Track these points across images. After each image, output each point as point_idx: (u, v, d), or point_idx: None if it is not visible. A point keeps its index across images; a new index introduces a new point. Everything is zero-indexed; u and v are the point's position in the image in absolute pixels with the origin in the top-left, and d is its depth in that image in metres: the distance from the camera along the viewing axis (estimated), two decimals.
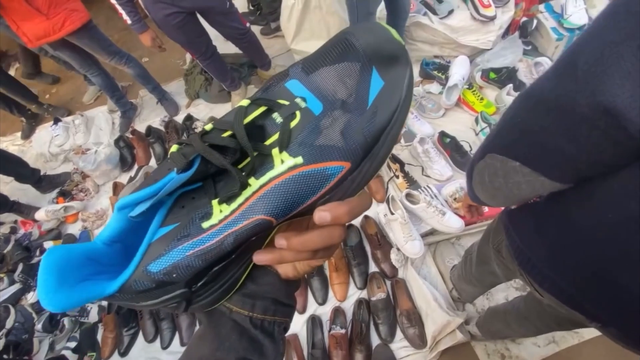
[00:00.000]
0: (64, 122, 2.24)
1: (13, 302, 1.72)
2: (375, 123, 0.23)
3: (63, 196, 1.97)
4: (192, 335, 1.43)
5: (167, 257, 0.21)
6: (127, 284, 0.21)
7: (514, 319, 0.92)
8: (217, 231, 0.22)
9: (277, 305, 0.30)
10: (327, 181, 0.23)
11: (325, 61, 0.24)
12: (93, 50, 1.82)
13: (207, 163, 0.22)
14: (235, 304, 0.28)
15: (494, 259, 0.77)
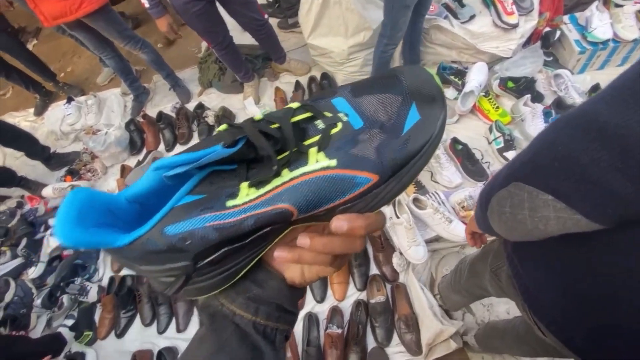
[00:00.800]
0: (76, 101, 2.25)
1: (14, 276, 1.73)
2: (407, 149, 0.24)
3: (71, 175, 1.99)
4: (188, 322, 1.44)
5: (187, 223, 0.22)
6: (140, 240, 0.22)
7: (513, 339, 0.90)
8: (240, 211, 0.23)
9: (280, 312, 0.29)
10: (354, 189, 0.24)
11: (372, 89, 0.26)
12: (108, 33, 1.82)
13: (249, 148, 0.24)
14: (239, 306, 0.28)
15: (489, 280, 0.75)
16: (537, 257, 0.50)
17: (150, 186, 0.23)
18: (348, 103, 0.26)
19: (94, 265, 1.69)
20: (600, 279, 0.40)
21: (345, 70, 1.83)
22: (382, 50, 1.52)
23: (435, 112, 0.25)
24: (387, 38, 1.47)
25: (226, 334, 0.27)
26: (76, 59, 2.91)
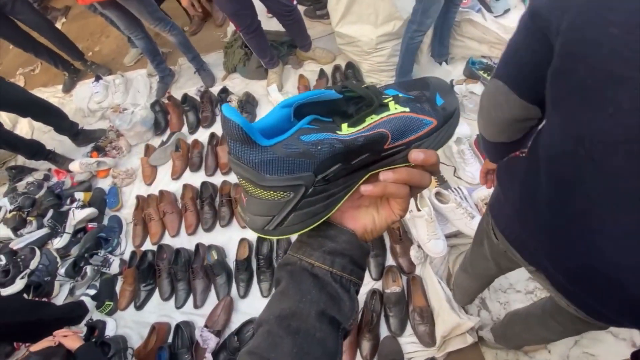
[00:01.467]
0: (104, 80, 2.31)
1: (39, 245, 1.80)
2: (446, 111, 0.34)
3: (97, 151, 2.04)
4: (205, 299, 1.47)
5: (317, 134, 0.28)
6: (282, 143, 0.27)
7: (537, 319, 0.89)
8: (351, 134, 0.29)
9: (353, 266, 0.32)
10: (423, 127, 0.32)
11: (410, 85, 0.36)
12: (139, 13, 1.84)
13: (347, 102, 0.31)
14: (317, 259, 0.31)
15: (486, 237, 0.77)
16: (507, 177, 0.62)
17: (275, 120, 0.28)
18: (397, 91, 0.34)
19: (117, 239, 1.75)
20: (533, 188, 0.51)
21: (371, 60, 1.81)
22: (411, 37, 1.50)
23: (451, 98, 0.35)
24: (416, 24, 1.45)
25: (306, 284, 0.30)
26: (104, 39, 2.96)
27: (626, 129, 0.31)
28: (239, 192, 1.68)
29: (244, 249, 1.54)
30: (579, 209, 0.41)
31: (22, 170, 2.17)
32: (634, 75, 0.29)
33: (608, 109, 0.32)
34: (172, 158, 1.89)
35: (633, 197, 0.34)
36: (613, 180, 0.35)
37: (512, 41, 0.47)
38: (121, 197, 1.91)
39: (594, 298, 0.48)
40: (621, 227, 0.37)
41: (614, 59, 0.30)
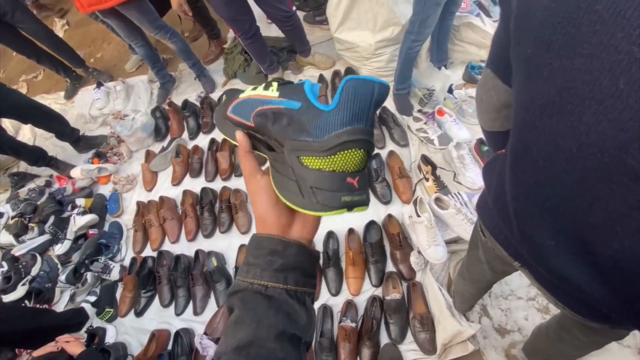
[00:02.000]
0: (106, 86, 2.32)
1: (41, 251, 1.81)
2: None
3: (98, 157, 2.05)
4: (205, 306, 1.47)
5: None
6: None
7: (554, 333, 0.89)
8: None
9: (305, 277, 0.33)
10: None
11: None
12: (140, 22, 1.86)
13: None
14: (269, 279, 0.31)
15: (479, 239, 0.77)
16: (488, 172, 0.64)
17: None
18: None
19: (117, 246, 1.75)
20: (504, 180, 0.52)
21: (370, 66, 1.81)
22: (409, 47, 1.50)
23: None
24: (414, 34, 1.45)
25: (261, 309, 0.30)
26: (105, 46, 2.98)
27: (557, 89, 0.33)
28: (238, 198, 1.68)
29: (243, 254, 1.54)
30: (532, 181, 0.43)
31: (24, 177, 2.18)
32: (558, 37, 0.31)
33: (543, 73, 0.34)
34: (173, 164, 1.90)
35: (567, 154, 0.35)
36: (553, 140, 0.36)
37: (496, 29, 0.50)
38: (122, 203, 1.91)
39: (572, 276, 0.47)
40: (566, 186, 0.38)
41: (546, 27, 0.32)
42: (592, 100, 0.30)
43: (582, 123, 0.32)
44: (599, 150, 0.32)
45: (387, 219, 1.48)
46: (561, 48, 0.31)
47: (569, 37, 0.30)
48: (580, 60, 0.30)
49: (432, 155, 1.58)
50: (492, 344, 1.27)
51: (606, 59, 0.28)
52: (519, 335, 1.27)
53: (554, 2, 0.31)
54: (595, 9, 0.28)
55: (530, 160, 0.41)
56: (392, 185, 1.58)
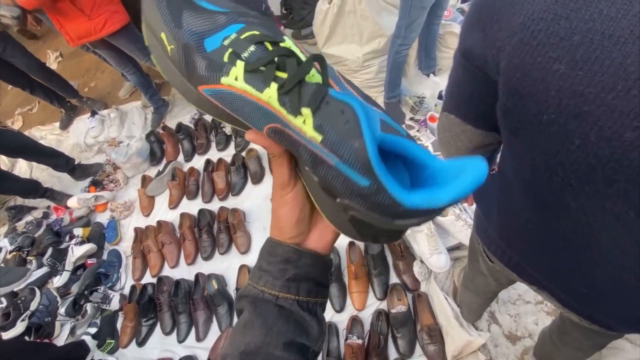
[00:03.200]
0: (100, 114, 2.34)
1: (39, 284, 1.78)
2: None
3: (94, 185, 2.05)
4: (207, 331, 1.44)
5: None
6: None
7: (558, 337, 0.87)
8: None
9: (317, 287, 0.32)
10: None
11: None
12: (129, 50, 1.89)
13: None
14: (280, 289, 0.30)
15: (480, 256, 0.75)
16: (487, 191, 0.61)
17: None
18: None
19: (116, 274, 1.73)
20: (510, 210, 0.52)
21: (359, 78, 1.83)
22: (396, 51, 1.52)
23: None
24: (401, 38, 1.46)
25: (272, 316, 0.29)
26: (99, 74, 3.02)
27: (597, 158, 0.31)
28: (236, 218, 1.66)
29: (244, 275, 1.52)
30: (570, 229, 0.40)
31: (22, 210, 2.17)
32: (592, 108, 0.28)
33: (574, 141, 0.31)
34: (169, 187, 1.89)
35: (620, 217, 0.33)
36: (599, 202, 0.34)
37: (453, 76, 0.46)
38: (120, 230, 1.90)
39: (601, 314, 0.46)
40: (616, 244, 0.36)
41: (567, 95, 0.29)
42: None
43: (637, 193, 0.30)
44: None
45: None
46: (599, 119, 0.28)
47: (611, 109, 0.28)
48: (634, 133, 0.27)
49: None
50: (504, 352, 1.23)
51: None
52: (530, 341, 1.23)
53: (577, 70, 0.28)
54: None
55: (567, 213, 0.39)
56: None
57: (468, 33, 0.39)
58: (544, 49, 0.29)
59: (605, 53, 0.27)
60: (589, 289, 0.43)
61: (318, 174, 0.24)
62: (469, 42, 0.38)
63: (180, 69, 0.27)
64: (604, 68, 0.27)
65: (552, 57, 0.29)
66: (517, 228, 0.51)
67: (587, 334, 0.75)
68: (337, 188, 0.23)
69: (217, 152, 2.01)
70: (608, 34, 0.26)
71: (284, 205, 0.30)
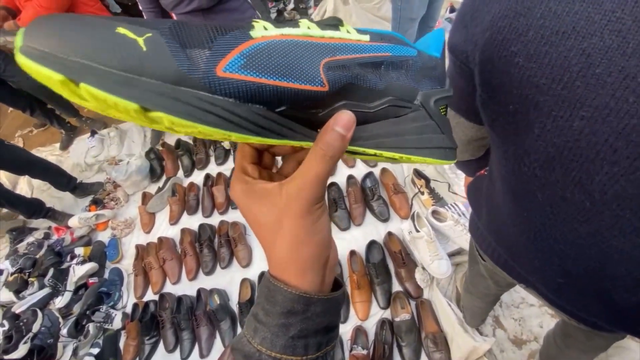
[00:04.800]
0: (100, 134, 2.37)
1: (41, 306, 1.77)
2: None
3: (95, 204, 2.06)
4: (211, 347, 1.42)
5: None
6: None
7: (561, 340, 0.87)
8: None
9: (330, 333, 0.26)
10: None
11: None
12: None
13: None
14: (284, 351, 0.24)
15: (477, 255, 0.76)
16: (476, 190, 0.64)
17: None
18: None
19: (118, 292, 1.72)
20: (495, 206, 0.53)
21: None
22: None
23: None
24: None
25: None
26: None
27: (554, 147, 0.32)
28: (237, 231, 1.67)
29: (246, 289, 1.51)
30: (539, 222, 0.41)
31: (23, 231, 2.17)
32: (547, 98, 0.30)
33: (534, 130, 0.33)
34: (169, 203, 1.90)
35: (579, 207, 0.34)
36: (560, 192, 0.35)
37: (448, 70, 0.49)
38: (121, 248, 1.90)
39: (582, 309, 0.47)
40: (579, 235, 0.37)
41: (526, 86, 0.31)
42: (604, 161, 0.30)
43: (593, 182, 0.31)
44: (618, 207, 0.31)
45: (388, 237, 1.47)
46: (552, 109, 0.31)
47: (561, 99, 0.30)
48: (581, 122, 0.29)
49: (424, 169, 1.59)
50: (510, 357, 1.22)
51: (615, 122, 0.27)
52: (536, 345, 1.22)
53: (532, 62, 0.30)
54: (595, 73, 0.27)
55: (536, 204, 0.40)
56: (389, 202, 1.58)
57: (454, 30, 0.42)
58: (507, 44, 0.32)
59: (553, 47, 0.29)
60: (566, 279, 0.43)
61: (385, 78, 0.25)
62: (455, 38, 0.41)
63: (169, 59, 0.17)
64: (552, 61, 0.29)
65: (513, 52, 0.31)
66: (501, 223, 0.52)
67: (589, 335, 0.75)
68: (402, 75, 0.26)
69: (216, 166, 2.02)
70: (555, 30, 0.28)
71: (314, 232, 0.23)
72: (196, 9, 1.49)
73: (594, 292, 0.41)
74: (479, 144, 0.58)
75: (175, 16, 1.56)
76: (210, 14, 1.53)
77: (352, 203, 1.60)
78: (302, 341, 0.24)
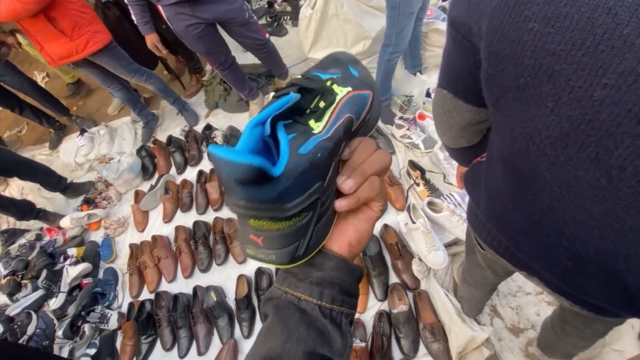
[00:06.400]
0: (89, 132, 2.32)
1: (35, 308, 1.75)
2: (367, 79, 0.36)
3: (87, 204, 2.03)
4: (208, 344, 1.42)
5: (308, 143, 0.27)
6: (289, 166, 0.25)
7: (559, 327, 0.87)
8: (329, 128, 0.30)
9: (344, 295, 0.30)
10: (367, 100, 0.34)
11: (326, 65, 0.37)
12: (113, 68, 1.88)
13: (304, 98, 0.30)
14: (303, 291, 0.29)
15: (476, 245, 0.76)
16: (474, 178, 0.63)
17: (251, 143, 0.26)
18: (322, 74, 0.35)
19: (113, 292, 1.70)
20: (495, 191, 0.52)
21: None
22: (388, 59, 1.53)
23: (361, 67, 0.38)
24: (392, 47, 1.47)
25: (293, 321, 0.28)
26: (87, 93, 3.01)
27: (570, 121, 0.30)
28: (232, 228, 1.65)
29: (242, 285, 1.50)
30: (546, 204, 0.40)
31: (14, 233, 2.14)
32: (564, 67, 0.28)
33: (547, 105, 0.31)
34: (162, 201, 1.87)
35: (593, 185, 0.33)
36: (572, 171, 0.34)
37: (446, 50, 0.47)
38: (115, 248, 1.87)
39: (589, 293, 0.46)
40: (591, 215, 0.36)
41: (541, 54, 0.29)
42: (625, 134, 0.28)
43: (612, 157, 0.29)
44: (637, 183, 0.30)
45: (384, 229, 1.46)
46: (570, 79, 0.28)
47: (581, 67, 0.27)
48: (603, 91, 0.27)
49: (419, 160, 1.58)
50: (508, 346, 1.23)
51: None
52: (533, 333, 1.23)
53: (549, 27, 0.28)
54: (622, 34, 0.25)
55: (543, 185, 0.38)
56: (385, 194, 1.57)
57: (454, 3, 0.40)
58: (521, 8, 0.30)
59: (574, 8, 0.26)
60: (574, 262, 0.42)
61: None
62: (455, 11, 0.40)
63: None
64: (573, 24, 0.27)
65: (527, 16, 0.29)
66: (502, 209, 0.51)
67: (587, 322, 0.75)
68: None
69: (209, 162, 2.00)
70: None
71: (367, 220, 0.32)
72: (183, 0, 1.46)
73: (604, 274, 0.39)
74: (477, 128, 0.56)
75: (162, 8, 1.52)
76: (197, 5, 1.49)
77: None
78: (318, 288, 0.29)
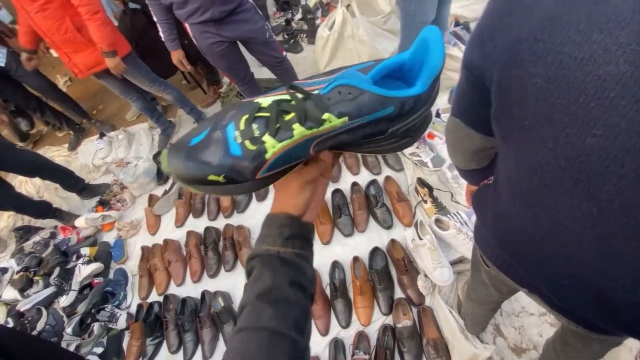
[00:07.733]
0: (108, 136, 2.41)
1: (46, 304, 1.79)
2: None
3: (102, 205, 2.09)
4: (214, 349, 1.44)
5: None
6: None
7: (560, 348, 0.89)
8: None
9: (307, 243, 0.42)
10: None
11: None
12: (134, 78, 1.97)
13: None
14: (281, 245, 0.39)
15: (481, 263, 0.78)
16: (482, 199, 0.66)
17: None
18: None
19: (123, 292, 1.74)
20: (502, 214, 0.55)
21: None
22: None
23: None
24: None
25: (276, 265, 0.38)
26: (107, 98, 3.12)
27: (566, 160, 0.35)
28: (241, 235, 1.70)
29: None
30: (546, 227, 0.44)
31: (29, 230, 2.20)
32: (561, 116, 0.34)
33: (547, 145, 0.36)
34: (175, 206, 1.93)
35: (586, 214, 0.37)
36: (568, 200, 0.38)
37: (460, 86, 0.52)
38: (126, 249, 1.92)
39: (584, 310, 0.49)
40: (585, 239, 0.40)
41: (542, 104, 0.35)
42: (612, 174, 0.32)
43: (601, 192, 0.34)
44: (623, 215, 0.34)
45: (391, 244, 1.49)
46: (567, 126, 0.33)
47: (575, 118, 0.32)
48: (593, 139, 0.32)
49: (427, 178, 1.62)
50: None
51: (625, 140, 0.30)
52: (535, 353, 1.24)
53: (549, 84, 0.33)
54: (609, 96, 0.30)
55: (544, 210, 0.43)
56: (392, 210, 1.61)
57: (471, 49, 0.45)
58: (526, 66, 0.35)
59: (570, 72, 0.32)
60: (570, 281, 0.46)
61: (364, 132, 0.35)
62: (471, 56, 0.45)
63: (237, 181, 0.35)
64: (569, 84, 0.32)
65: (532, 73, 0.35)
66: (506, 229, 0.55)
67: (586, 343, 0.77)
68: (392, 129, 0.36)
69: None
70: (573, 57, 0.32)
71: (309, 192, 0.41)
72: (209, 19, 1.55)
73: (595, 293, 0.43)
74: (485, 154, 0.61)
75: (189, 26, 1.61)
76: (222, 24, 1.58)
77: (356, 210, 1.63)
78: (291, 241, 0.39)
